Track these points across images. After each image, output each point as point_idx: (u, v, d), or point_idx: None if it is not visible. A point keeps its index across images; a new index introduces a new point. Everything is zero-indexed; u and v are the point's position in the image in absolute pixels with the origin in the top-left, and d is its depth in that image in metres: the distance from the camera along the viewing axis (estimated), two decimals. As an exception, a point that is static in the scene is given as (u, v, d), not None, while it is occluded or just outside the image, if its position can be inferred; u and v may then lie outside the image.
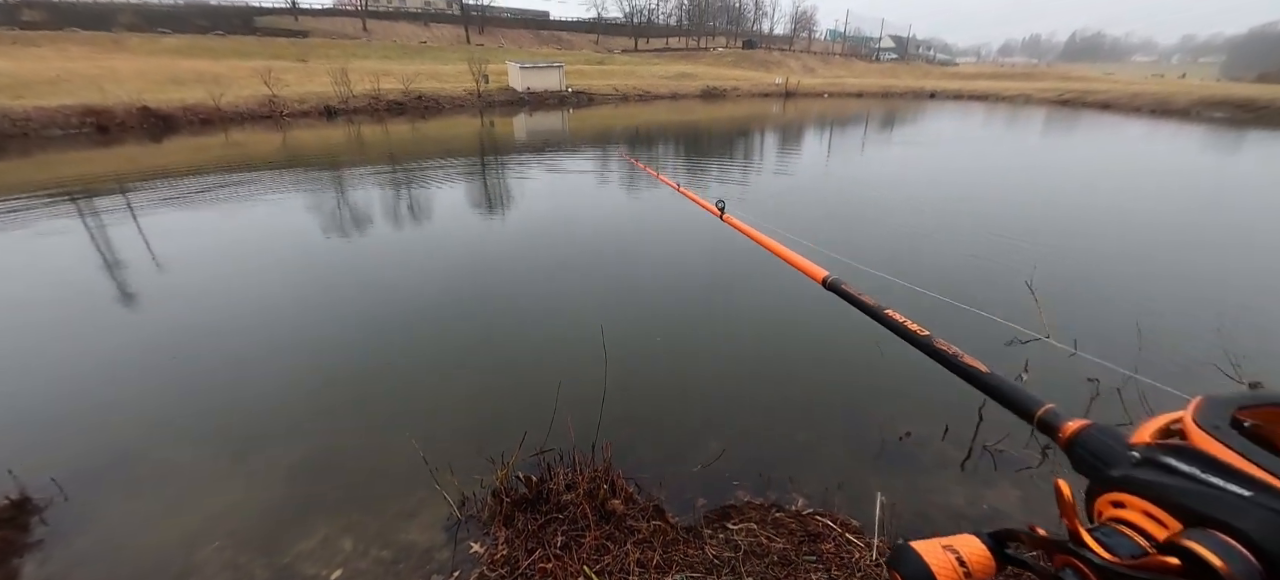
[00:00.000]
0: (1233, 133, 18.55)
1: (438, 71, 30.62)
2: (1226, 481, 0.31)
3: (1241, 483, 0.30)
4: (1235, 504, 0.29)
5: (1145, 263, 5.81)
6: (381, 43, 44.21)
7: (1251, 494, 0.29)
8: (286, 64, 28.29)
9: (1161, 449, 0.36)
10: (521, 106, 25.72)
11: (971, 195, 9.14)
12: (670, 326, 4.35)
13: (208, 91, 19.71)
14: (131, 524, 2.48)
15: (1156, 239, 6.67)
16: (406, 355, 3.86)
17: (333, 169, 10.93)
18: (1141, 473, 0.35)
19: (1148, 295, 4.87)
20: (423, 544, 2.35)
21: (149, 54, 28.11)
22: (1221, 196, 9.24)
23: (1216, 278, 5.36)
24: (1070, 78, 49.19)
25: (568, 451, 2.56)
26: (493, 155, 12.98)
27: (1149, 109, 26.28)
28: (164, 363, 3.77)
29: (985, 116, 25.13)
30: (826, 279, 0.92)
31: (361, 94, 22.49)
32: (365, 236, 6.69)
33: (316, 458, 2.85)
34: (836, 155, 13.94)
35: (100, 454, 2.89)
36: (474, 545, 2.31)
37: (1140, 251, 6.16)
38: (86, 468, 2.79)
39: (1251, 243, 6.59)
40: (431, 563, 2.26)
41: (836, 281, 0.89)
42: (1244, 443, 0.33)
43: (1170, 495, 0.32)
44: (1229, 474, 0.31)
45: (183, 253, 5.97)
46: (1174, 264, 5.79)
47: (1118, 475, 0.36)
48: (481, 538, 2.34)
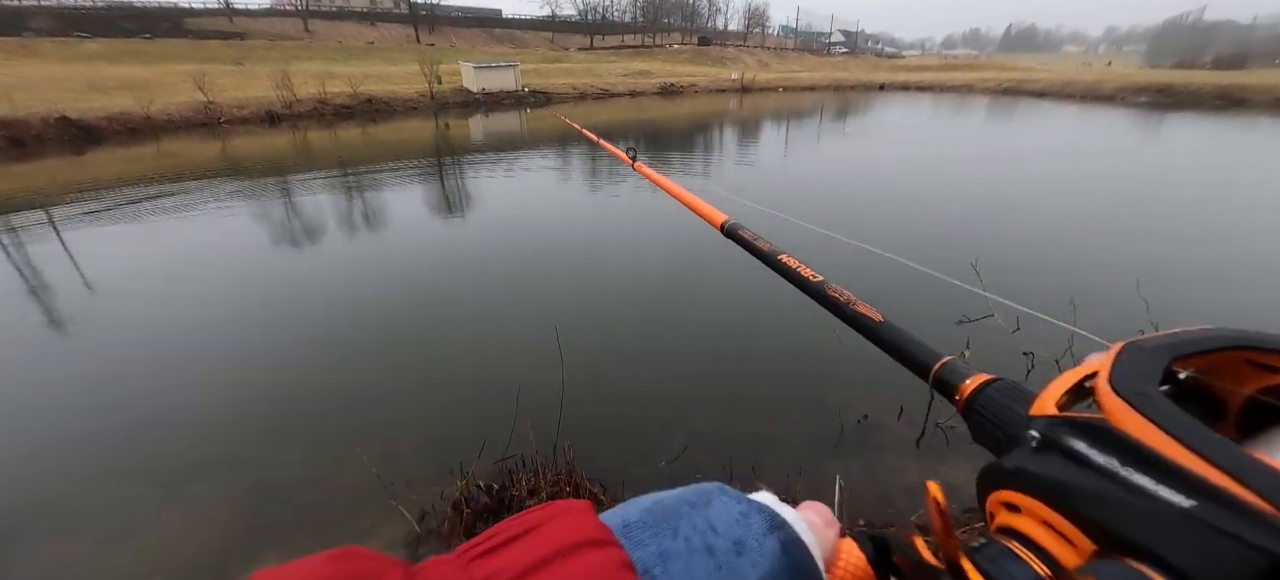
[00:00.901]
0: (1156, 116, 19.97)
1: (387, 73, 29.57)
2: (1156, 482, 0.21)
3: (1177, 483, 0.20)
4: (1167, 520, 0.20)
5: (1081, 236, 6.17)
6: (325, 44, 42.36)
7: (1192, 504, 0.19)
8: (222, 67, 26.73)
9: (1067, 426, 0.26)
10: (477, 108, 25.16)
11: (928, 179, 9.51)
12: (626, 324, 4.35)
13: (135, 98, 18.40)
14: (57, 572, 2.29)
15: (1089, 212, 7.10)
16: (356, 369, 3.72)
17: (276, 177, 10.40)
18: (1040, 463, 0.25)
19: (1083, 266, 5.17)
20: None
21: (66, 60, 26.03)
22: (1149, 174, 9.93)
23: (1148, 248, 5.75)
24: (1008, 68, 51.88)
25: (530, 457, 2.52)
26: (449, 157, 12.64)
27: (1080, 95, 28.02)
28: (87, 392, 3.50)
29: (933, 106, 26.21)
30: (725, 224, 0.89)
31: (306, 98, 21.48)
32: (308, 248, 6.40)
33: (262, 483, 2.70)
34: (794, 147, 14.24)
35: (18, 496, 2.65)
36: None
37: (1075, 226, 6.55)
38: (3, 512, 2.56)
39: (1178, 215, 7.10)
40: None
41: (735, 226, 0.86)
42: (1181, 417, 0.22)
43: (1076, 501, 0.23)
44: (1159, 469, 0.21)
45: (112, 272, 5.56)
46: (1108, 236, 6.18)
47: (1010, 466, 0.27)
48: (443, 551, 2.27)
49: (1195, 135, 15.54)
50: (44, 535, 2.44)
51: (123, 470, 2.83)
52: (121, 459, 2.91)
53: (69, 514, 2.55)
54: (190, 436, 3.06)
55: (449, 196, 8.89)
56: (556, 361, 2.85)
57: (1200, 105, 22.64)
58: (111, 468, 2.85)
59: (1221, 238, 6.15)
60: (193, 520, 2.51)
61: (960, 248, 5.47)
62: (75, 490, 2.70)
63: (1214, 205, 7.65)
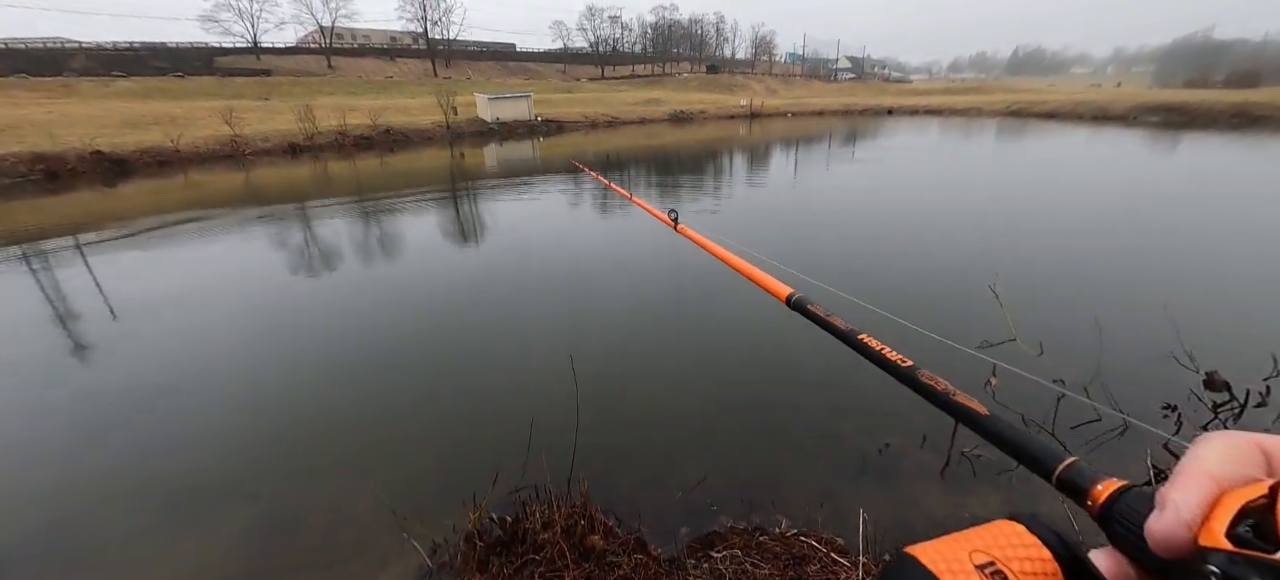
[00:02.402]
0: (1169, 135, 19.74)
1: (405, 105, 30.48)
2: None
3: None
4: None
5: (1100, 263, 6.05)
6: (346, 79, 43.90)
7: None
8: (248, 103, 27.77)
9: (1261, 574, 0.21)
10: (491, 137, 25.71)
11: (945, 203, 9.44)
12: (642, 352, 4.31)
13: (165, 133, 19.13)
14: (68, 602, 2.28)
15: (1110, 238, 6.98)
16: (369, 399, 3.71)
17: (295, 205, 10.65)
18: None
19: (1102, 293, 5.05)
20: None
21: (102, 97, 27.27)
22: (1167, 195, 9.76)
23: (1166, 274, 5.61)
24: (1016, 90, 51.89)
25: (543, 488, 2.47)
26: (463, 184, 12.87)
27: (1091, 116, 27.83)
28: (96, 420, 3.53)
29: (941, 130, 26.21)
30: (791, 297, 0.87)
31: (327, 130, 22.15)
32: (323, 274, 6.49)
33: (274, 516, 2.69)
34: (804, 172, 14.28)
35: (33, 527, 2.67)
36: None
37: (1094, 253, 6.43)
38: (17, 543, 2.56)
39: (1200, 236, 6.95)
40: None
41: (802, 300, 0.83)
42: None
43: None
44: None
45: (129, 299, 5.68)
46: (1126, 264, 6.05)
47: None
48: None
49: (1213, 155, 15.30)
50: (51, 566, 2.44)
51: (133, 498, 2.83)
52: (132, 487, 2.92)
53: (76, 543, 2.55)
54: (201, 464, 3.07)
55: (463, 223, 9.01)
56: (571, 389, 2.83)
57: (1215, 124, 22.35)
58: (121, 496, 2.85)
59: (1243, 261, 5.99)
60: (203, 550, 2.50)
61: (975, 273, 5.39)
62: (83, 519, 2.70)
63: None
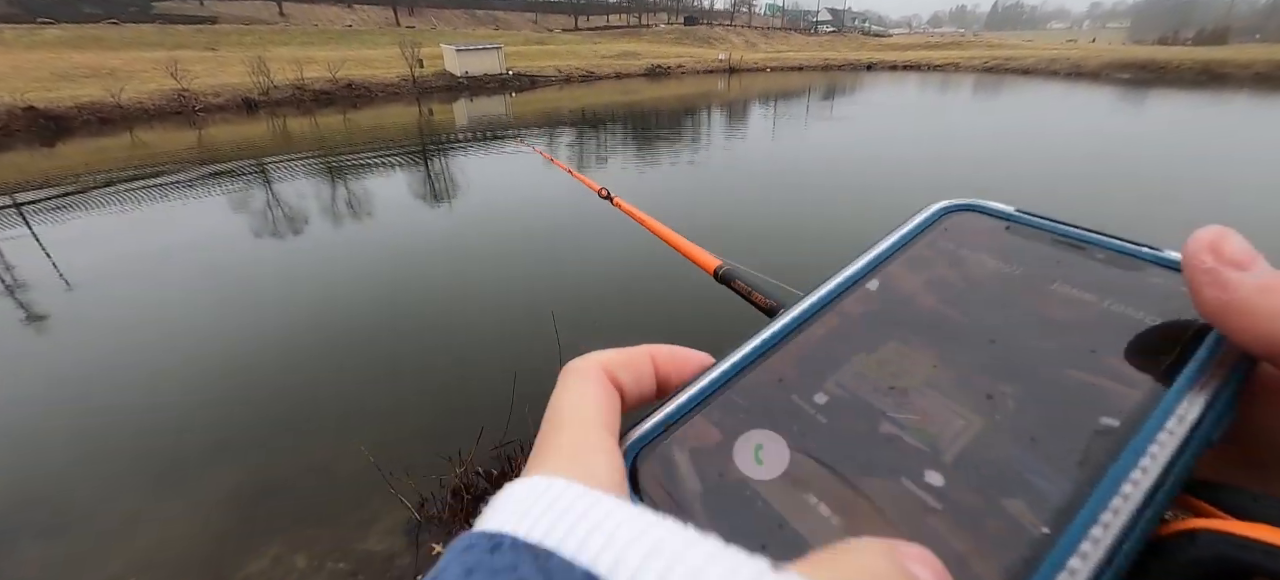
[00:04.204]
0: (1138, 92, 20.18)
1: (367, 57, 28.87)
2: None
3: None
4: None
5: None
6: (301, 28, 41.14)
7: None
8: (195, 54, 25.93)
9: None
10: (461, 92, 24.72)
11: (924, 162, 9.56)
12: (625, 304, 4.35)
13: (104, 87, 17.80)
14: (51, 573, 2.27)
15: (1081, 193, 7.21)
16: (349, 359, 3.69)
17: (256, 164, 10.17)
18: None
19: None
20: (382, 551, 2.27)
21: (29, 47, 25.03)
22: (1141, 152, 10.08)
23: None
24: (994, 46, 51.93)
25: (529, 442, 2.52)
26: (434, 142, 12.44)
27: (1065, 73, 28.17)
28: (69, 387, 3.43)
29: (919, 87, 26.23)
30: (718, 270, 0.77)
31: (284, 84, 20.93)
32: (295, 236, 6.29)
33: (259, 476, 2.69)
34: (783, 131, 14.21)
35: (8, 497, 2.61)
36: (437, 546, 2.25)
37: (1064, 207, 6.64)
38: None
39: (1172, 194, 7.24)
40: (393, 569, 2.19)
41: (730, 272, 0.73)
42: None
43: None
44: None
45: (91, 266, 5.42)
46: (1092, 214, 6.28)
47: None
48: (444, 538, 2.29)
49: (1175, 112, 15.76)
50: (35, 535, 2.41)
51: (113, 465, 2.80)
52: (111, 454, 2.88)
53: (60, 512, 2.52)
54: (181, 430, 3.03)
55: (437, 182, 8.76)
56: (554, 345, 2.85)
57: (1182, 82, 22.90)
58: (101, 463, 2.81)
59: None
60: (190, 514, 2.50)
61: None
62: (64, 487, 2.66)
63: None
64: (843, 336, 0.22)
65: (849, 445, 0.18)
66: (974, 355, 0.20)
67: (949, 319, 0.21)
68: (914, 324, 0.22)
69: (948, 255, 0.24)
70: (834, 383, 0.20)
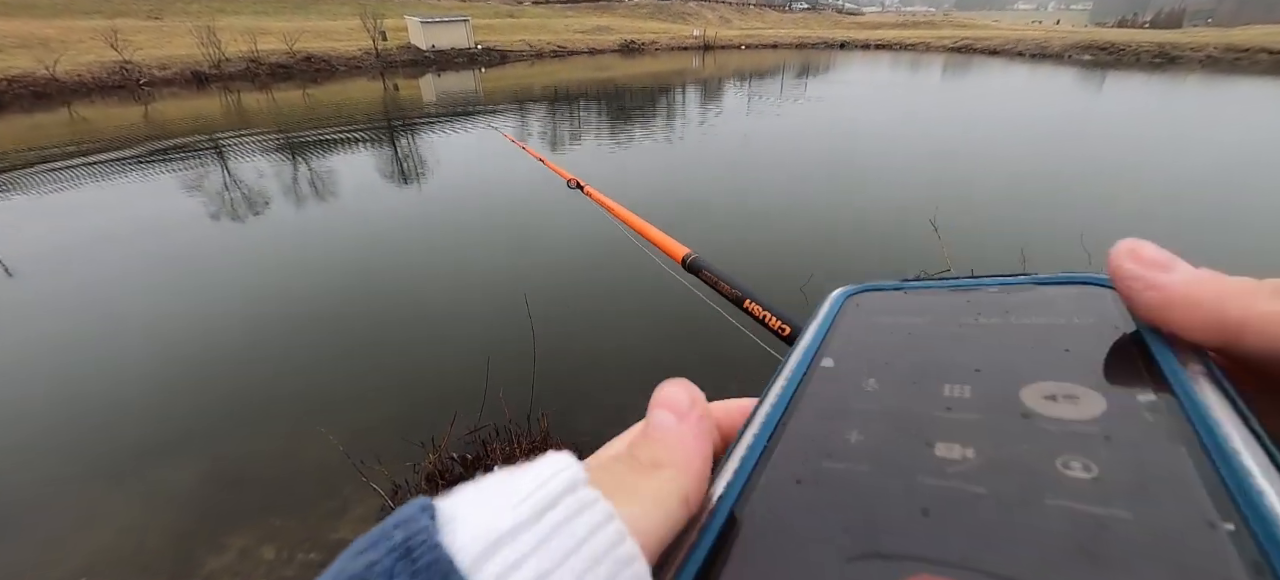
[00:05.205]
0: (1097, 74, 20.84)
1: (326, 28, 27.54)
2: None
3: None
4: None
5: (1025, 196, 6.47)
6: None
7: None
8: (136, 22, 24.29)
9: None
10: (427, 67, 23.86)
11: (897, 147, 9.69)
12: (599, 287, 4.32)
13: (36, 58, 16.57)
14: (4, 573, 2.16)
15: (1032, 171, 7.44)
16: (317, 344, 3.58)
17: (209, 139, 9.65)
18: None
19: (1027, 224, 5.44)
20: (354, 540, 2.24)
21: (-52, 12, 23.02)
22: (1085, 131, 10.43)
23: (1083, 207, 6.09)
24: (964, 26, 52.78)
25: (503, 427, 2.51)
26: (400, 120, 12.00)
27: (1030, 53, 28.91)
28: (17, 384, 3.24)
29: (891, 66, 26.49)
30: (686, 258, 0.74)
31: (237, 56, 19.83)
32: (252, 217, 6.02)
33: (224, 467, 2.61)
34: (757, 107, 14.19)
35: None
36: (411, 534, 2.23)
37: (1020, 186, 6.86)
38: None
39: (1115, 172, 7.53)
40: (366, 558, 2.16)
41: (697, 261, 0.71)
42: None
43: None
44: None
45: (32, 251, 5.09)
46: (1047, 193, 6.50)
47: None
48: (419, 525, 2.27)
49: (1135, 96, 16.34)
50: (-18, 535, 2.29)
51: (64, 462, 2.66)
52: (61, 450, 2.74)
53: (12, 508, 2.40)
54: (138, 422, 2.90)
55: (404, 163, 8.48)
56: (527, 329, 2.82)
57: (1138, 64, 23.75)
58: (50, 460, 2.68)
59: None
60: (150, 508, 2.41)
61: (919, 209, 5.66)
62: (17, 482, 2.53)
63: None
64: (840, 412, 0.20)
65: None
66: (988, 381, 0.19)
67: (928, 358, 0.21)
68: (903, 372, 0.21)
69: (869, 325, 0.25)
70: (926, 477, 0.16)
